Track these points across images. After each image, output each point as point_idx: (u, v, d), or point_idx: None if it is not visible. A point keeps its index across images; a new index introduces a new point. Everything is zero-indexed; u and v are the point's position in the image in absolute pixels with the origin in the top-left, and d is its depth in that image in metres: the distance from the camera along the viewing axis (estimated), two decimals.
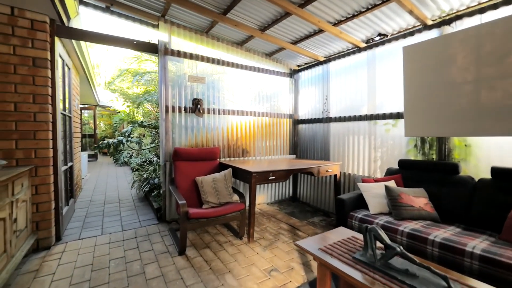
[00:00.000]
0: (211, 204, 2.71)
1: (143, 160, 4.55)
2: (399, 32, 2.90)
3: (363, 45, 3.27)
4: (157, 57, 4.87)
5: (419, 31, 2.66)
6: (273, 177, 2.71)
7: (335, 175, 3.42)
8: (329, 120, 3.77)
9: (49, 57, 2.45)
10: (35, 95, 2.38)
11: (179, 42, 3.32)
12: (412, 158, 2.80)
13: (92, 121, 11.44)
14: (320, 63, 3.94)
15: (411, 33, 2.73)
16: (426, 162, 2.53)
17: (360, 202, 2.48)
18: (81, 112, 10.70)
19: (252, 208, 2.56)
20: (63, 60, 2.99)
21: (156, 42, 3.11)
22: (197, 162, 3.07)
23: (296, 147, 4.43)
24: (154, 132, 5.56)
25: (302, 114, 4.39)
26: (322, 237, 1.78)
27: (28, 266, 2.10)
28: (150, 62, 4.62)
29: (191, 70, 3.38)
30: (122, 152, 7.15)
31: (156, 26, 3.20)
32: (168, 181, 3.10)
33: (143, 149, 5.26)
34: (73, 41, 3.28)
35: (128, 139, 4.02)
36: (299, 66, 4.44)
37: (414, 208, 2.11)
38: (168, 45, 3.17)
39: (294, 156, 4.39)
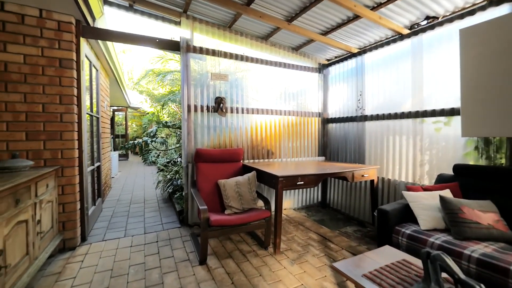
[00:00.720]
0: (234, 209, 2.52)
1: (168, 160, 4.54)
2: (454, 12, 2.44)
3: (406, 31, 2.84)
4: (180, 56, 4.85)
5: (482, 8, 2.20)
6: (302, 182, 2.44)
7: (372, 181, 3.03)
8: (364, 118, 3.38)
9: (74, 58, 2.45)
10: (62, 95, 2.39)
11: (201, 39, 3.19)
12: (472, 162, 2.33)
13: (124, 122, 12.07)
14: (353, 55, 3.55)
15: (471, 12, 2.26)
16: (494, 168, 2.06)
17: (406, 214, 2.10)
18: (113, 113, 11.36)
19: (279, 216, 2.32)
20: (90, 62, 3.02)
21: (178, 40, 3.01)
22: (219, 164, 2.91)
23: (326, 148, 4.08)
24: (178, 133, 5.57)
25: (332, 112, 4.03)
26: (364, 258, 1.47)
27: (53, 267, 2.09)
28: (173, 62, 4.61)
29: (214, 68, 3.23)
30: (150, 152, 7.36)
31: (178, 23, 3.10)
32: (190, 184, 2.98)
33: (168, 150, 5.29)
34: (100, 43, 3.33)
35: (153, 139, 4.02)
36: (328, 60, 4.09)
37: (482, 225, 1.70)
38: (190, 42, 3.05)
39: (323, 158, 4.05)
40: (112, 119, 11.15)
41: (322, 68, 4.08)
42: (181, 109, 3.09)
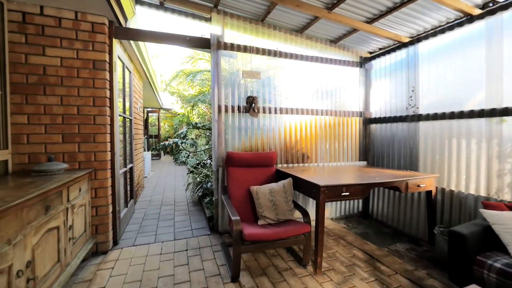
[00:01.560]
0: (268, 220, 2.28)
1: (197, 162, 4.48)
2: None
3: (478, 11, 2.33)
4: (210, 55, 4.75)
5: None
6: (347, 193, 2.10)
7: (429, 192, 2.57)
8: (417, 118, 2.90)
9: (107, 59, 2.42)
10: (95, 97, 2.36)
11: (232, 35, 3.00)
12: None
13: (157, 123, 12.59)
14: (403, 45, 3.08)
15: None
16: None
17: (488, 239, 1.66)
18: (147, 114, 11.89)
19: (320, 233, 2.01)
20: (123, 63, 3.01)
21: (209, 37, 2.86)
22: (251, 169, 2.69)
23: (368, 152, 3.64)
24: (208, 134, 5.50)
25: (376, 112, 3.58)
26: None
27: (84, 273, 2.05)
28: (203, 62, 4.53)
29: (245, 65, 3.02)
30: (180, 152, 7.48)
31: (208, 20, 2.95)
32: (221, 189, 2.81)
33: (197, 151, 5.24)
34: (133, 45, 3.32)
35: (183, 140, 3.96)
36: (371, 52, 3.64)
37: None
38: (221, 38, 2.88)
39: (364, 163, 3.62)
40: (146, 120, 11.67)
41: (363, 61, 3.65)
42: (211, 109, 2.94)
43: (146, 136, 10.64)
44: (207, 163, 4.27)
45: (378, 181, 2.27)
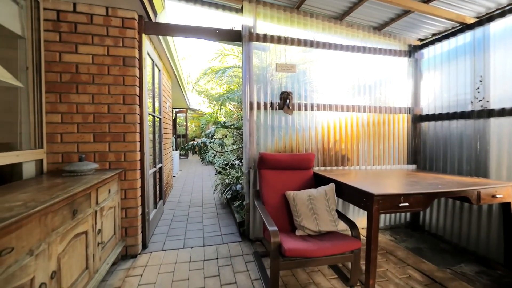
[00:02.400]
0: (308, 230, 2.00)
1: (225, 162, 4.34)
2: None
3: None
4: (240, 51, 4.56)
5: None
6: (406, 204, 1.75)
7: (507, 204, 2.09)
8: (487, 114, 2.41)
9: (137, 55, 2.33)
10: (125, 95, 2.28)
11: (265, 26, 2.76)
12: None
13: (184, 123, 12.87)
14: (467, 27, 2.59)
15: None
16: None
17: None
18: (175, 115, 12.19)
19: (373, 250, 1.69)
20: (152, 61, 2.93)
21: (240, 29, 2.66)
22: (287, 172, 2.43)
23: (417, 154, 3.17)
24: (235, 133, 5.34)
25: (428, 107, 3.10)
26: None
27: (113, 279, 1.96)
28: (232, 58, 4.37)
29: (278, 58, 2.77)
30: (207, 152, 7.46)
31: (239, 10, 2.74)
32: (253, 194, 2.59)
33: (224, 152, 5.12)
34: (162, 42, 3.25)
35: (212, 140, 3.83)
36: (422, 40, 3.17)
37: None
38: (252, 29, 2.66)
39: (414, 166, 3.16)
40: (174, 120, 11.99)
41: (413, 50, 3.18)
42: (239, 108, 2.73)
43: (174, 135, 10.91)
44: (235, 163, 4.10)
45: (444, 190, 1.87)
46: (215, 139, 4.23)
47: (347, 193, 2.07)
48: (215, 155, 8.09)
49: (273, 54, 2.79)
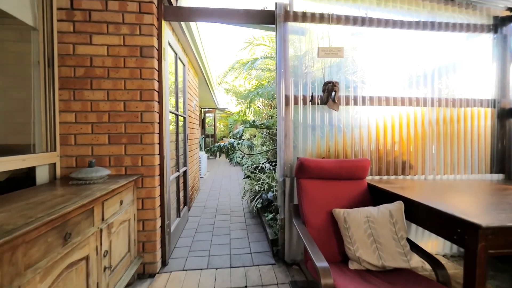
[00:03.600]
0: (366, 264, 1.49)
1: (254, 165, 3.94)
2: None
3: None
4: (272, 38, 4.09)
5: None
6: None
7: None
8: None
9: (155, 45, 2.02)
10: (142, 91, 1.99)
11: (304, 3, 2.28)
12: None
13: (213, 123, 12.85)
14: None
15: None
16: None
17: None
18: (204, 115, 12.20)
19: None
20: (175, 53, 2.63)
21: (273, 8, 2.21)
22: (333, 182, 1.92)
23: (505, 160, 2.41)
24: (265, 133, 4.92)
25: None
26: None
27: None
28: (262, 51, 3.93)
29: (321, 41, 2.27)
30: (235, 153, 7.18)
31: None
32: (289, 208, 2.13)
33: (253, 154, 4.73)
34: (187, 34, 2.95)
35: (240, 141, 3.46)
36: None
37: None
38: (288, 7, 2.20)
39: (500, 176, 2.40)
40: (203, 120, 12.01)
41: (500, 24, 2.43)
42: (268, 106, 2.28)
43: (203, 135, 10.89)
44: (265, 167, 3.67)
45: None
46: (243, 139, 3.87)
47: (423, 216, 1.50)
48: (243, 156, 7.77)
49: (313, 38, 2.30)
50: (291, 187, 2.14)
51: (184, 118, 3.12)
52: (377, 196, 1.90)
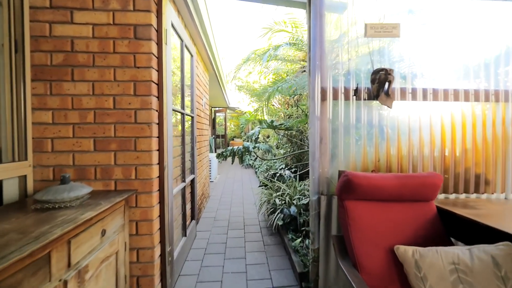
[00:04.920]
0: None
1: (271, 172, 3.45)
2: None
3: None
4: (295, 22, 3.54)
5: None
6: None
7: None
8: None
9: (154, 23, 1.57)
10: (137, 82, 1.54)
11: None
12: None
13: (224, 123, 12.45)
14: None
15: None
16: None
17: None
18: (215, 114, 11.81)
19: None
20: (181, 39, 2.19)
21: None
22: (391, 206, 1.40)
23: None
24: (281, 134, 4.42)
25: None
26: None
27: None
28: (283, 37, 3.42)
29: (364, 20, 1.74)
30: (247, 155, 6.73)
31: None
32: (327, 238, 1.62)
33: (270, 160, 4.23)
34: (195, 18, 2.50)
35: (256, 145, 2.98)
36: None
37: None
38: None
39: None
40: (214, 120, 11.62)
41: None
42: (285, 104, 1.78)
43: (213, 136, 10.50)
44: (285, 174, 3.17)
45: None
46: (259, 142, 3.41)
47: None
48: (255, 158, 7.29)
49: (356, 16, 1.77)
50: (328, 208, 1.64)
51: (192, 117, 2.67)
52: (451, 225, 1.36)
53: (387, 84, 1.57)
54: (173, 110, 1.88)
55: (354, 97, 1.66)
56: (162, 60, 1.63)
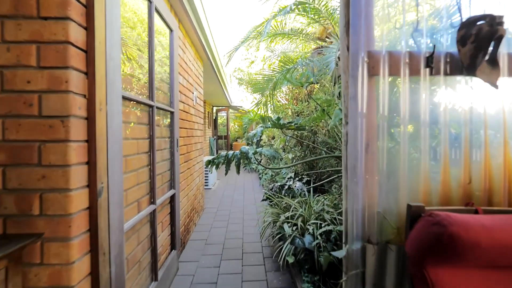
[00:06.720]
0: None
1: (278, 184, 2.76)
2: None
3: None
4: None
5: None
6: None
7: None
8: None
9: None
10: (41, 45, 0.87)
11: None
12: None
13: (226, 123, 11.79)
14: None
15: None
16: None
17: None
18: (216, 114, 11.16)
19: None
20: (150, 1, 1.51)
21: None
22: (507, 274, 0.68)
23: None
24: (291, 135, 3.73)
25: None
26: None
27: None
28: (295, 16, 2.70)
29: None
30: (250, 164, 6.05)
31: None
32: None
33: (276, 168, 3.54)
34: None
35: (258, 149, 2.29)
36: None
37: None
38: None
39: None
40: (216, 120, 10.97)
41: None
42: (293, 99, 1.14)
43: (215, 137, 9.85)
44: (295, 187, 2.47)
45: None
46: (262, 146, 2.74)
47: None
48: (260, 161, 6.61)
49: None
50: (379, 268, 0.93)
51: (172, 113, 1.99)
52: None
53: (492, 44, 0.86)
54: (125, 98, 1.20)
55: (427, 69, 0.94)
56: (94, 9, 0.96)
